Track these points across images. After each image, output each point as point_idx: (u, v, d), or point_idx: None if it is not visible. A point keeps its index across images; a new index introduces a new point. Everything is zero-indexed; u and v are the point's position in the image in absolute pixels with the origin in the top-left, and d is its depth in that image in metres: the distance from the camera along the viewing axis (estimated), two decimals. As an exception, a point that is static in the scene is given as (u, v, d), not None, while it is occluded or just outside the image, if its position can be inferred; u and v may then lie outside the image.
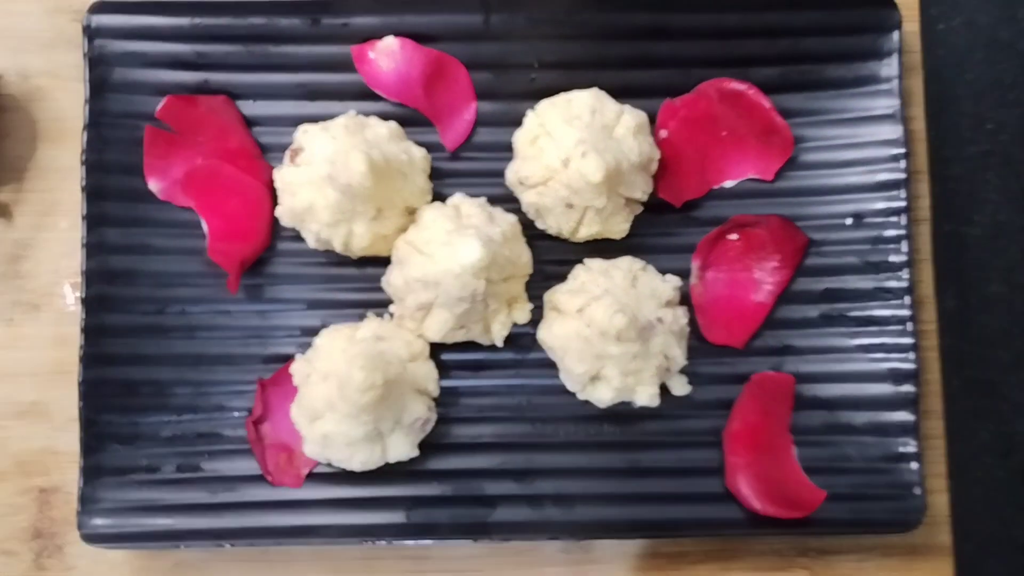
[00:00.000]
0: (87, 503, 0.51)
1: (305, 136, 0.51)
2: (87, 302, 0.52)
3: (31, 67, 0.56)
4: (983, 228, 0.57)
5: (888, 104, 0.54)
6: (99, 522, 0.51)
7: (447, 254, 0.48)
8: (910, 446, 0.54)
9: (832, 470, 0.53)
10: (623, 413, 0.53)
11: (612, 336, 0.48)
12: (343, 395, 0.47)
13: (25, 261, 0.55)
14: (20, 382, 0.55)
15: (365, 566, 0.54)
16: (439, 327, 0.50)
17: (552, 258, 0.54)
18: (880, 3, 0.54)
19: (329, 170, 0.48)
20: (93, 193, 0.52)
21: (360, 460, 0.50)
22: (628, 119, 0.51)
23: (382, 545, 0.54)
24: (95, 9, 0.51)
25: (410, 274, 0.49)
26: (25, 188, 0.55)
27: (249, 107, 0.54)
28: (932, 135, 0.60)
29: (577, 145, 0.49)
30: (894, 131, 0.54)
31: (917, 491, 0.52)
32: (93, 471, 0.52)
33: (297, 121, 0.54)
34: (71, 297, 0.55)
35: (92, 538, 0.51)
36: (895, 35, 0.54)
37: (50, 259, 0.55)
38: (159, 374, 0.52)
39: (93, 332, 0.51)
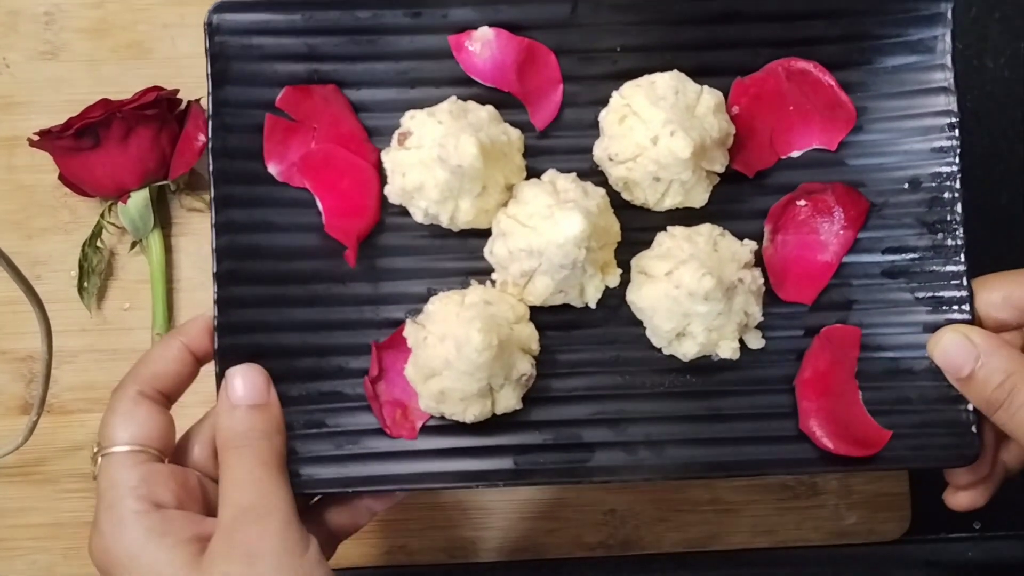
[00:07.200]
0: (226, 457, 0.52)
1: (413, 121, 0.52)
2: (218, 277, 0.52)
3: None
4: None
5: (942, 76, 0.54)
6: (238, 473, 0.53)
7: (550, 227, 0.50)
8: (966, 388, 0.52)
9: (895, 412, 0.54)
10: (704, 365, 0.54)
11: (700, 297, 0.50)
12: (461, 355, 0.49)
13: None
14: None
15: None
16: (541, 292, 0.52)
17: (636, 226, 0.55)
18: None
19: (439, 152, 0.50)
20: (219, 177, 0.52)
21: (473, 413, 0.51)
22: (708, 98, 0.52)
23: (495, 489, 0.55)
24: (216, 9, 0.52)
25: (514, 245, 0.51)
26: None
27: (355, 94, 0.54)
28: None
29: (665, 125, 0.51)
30: (948, 102, 0.54)
31: (973, 429, 0.52)
32: (230, 429, 0.53)
33: (399, 106, 0.54)
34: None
35: (233, 488, 0.53)
36: (948, 10, 0.53)
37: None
38: (284, 340, 0.53)
39: (224, 303, 0.52)
